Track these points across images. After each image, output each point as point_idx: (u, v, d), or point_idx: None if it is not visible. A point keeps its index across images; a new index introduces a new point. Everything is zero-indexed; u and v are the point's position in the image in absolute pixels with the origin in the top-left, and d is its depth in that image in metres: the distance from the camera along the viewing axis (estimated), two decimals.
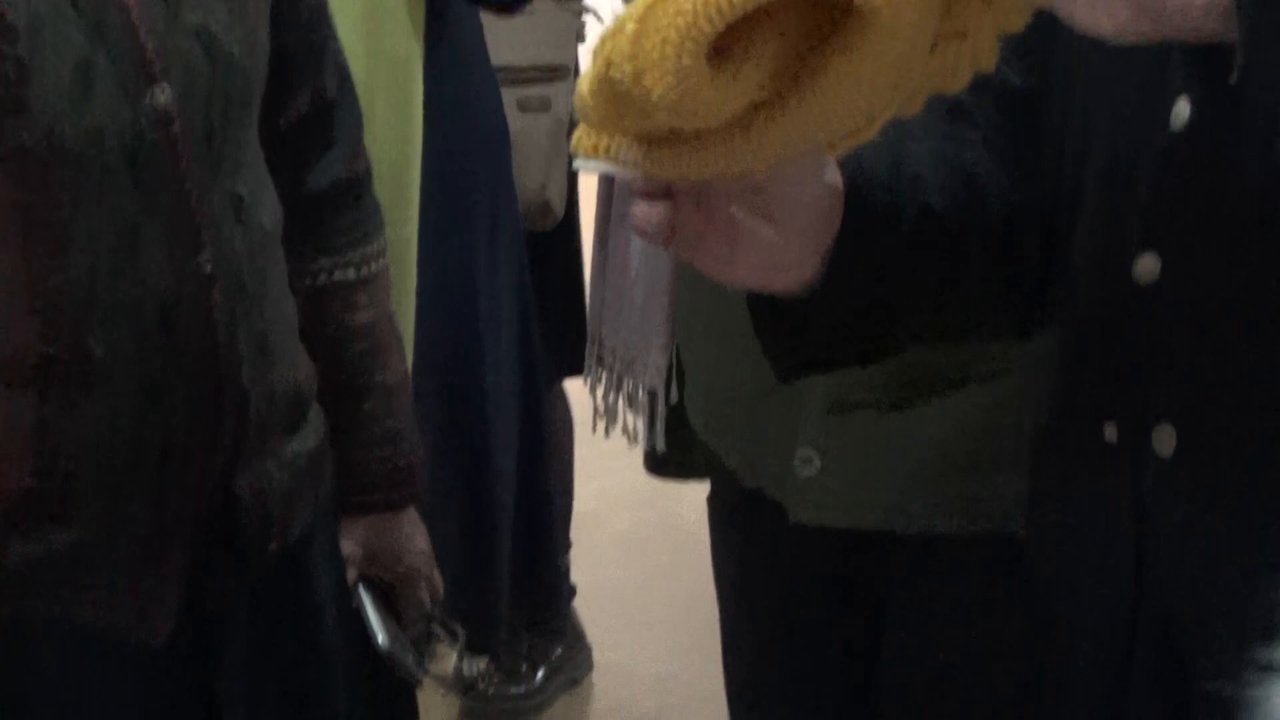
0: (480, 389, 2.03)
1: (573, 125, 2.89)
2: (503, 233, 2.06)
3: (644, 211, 0.84)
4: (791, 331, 0.99)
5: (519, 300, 2.12)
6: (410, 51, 1.84)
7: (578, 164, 0.84)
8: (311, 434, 1.31)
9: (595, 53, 0.77)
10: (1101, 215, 0.94)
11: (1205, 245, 0.88)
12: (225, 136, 1.17)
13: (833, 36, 0.77)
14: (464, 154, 1.98)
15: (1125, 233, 0.92)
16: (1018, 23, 0.80)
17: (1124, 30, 0.75)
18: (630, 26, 0.74)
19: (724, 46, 0.75)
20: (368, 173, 1.40)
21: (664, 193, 0.84)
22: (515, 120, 2.18)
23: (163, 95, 1.12)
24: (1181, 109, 0.87)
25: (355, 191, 1.38)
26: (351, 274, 1.37)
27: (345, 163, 1.37)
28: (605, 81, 0.76)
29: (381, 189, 1.47)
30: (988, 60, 0.81)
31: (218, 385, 1.18)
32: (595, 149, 0.82)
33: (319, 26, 1.34)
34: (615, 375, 2.19)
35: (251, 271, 1.20)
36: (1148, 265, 0.90)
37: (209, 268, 1.16)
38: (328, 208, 1.36)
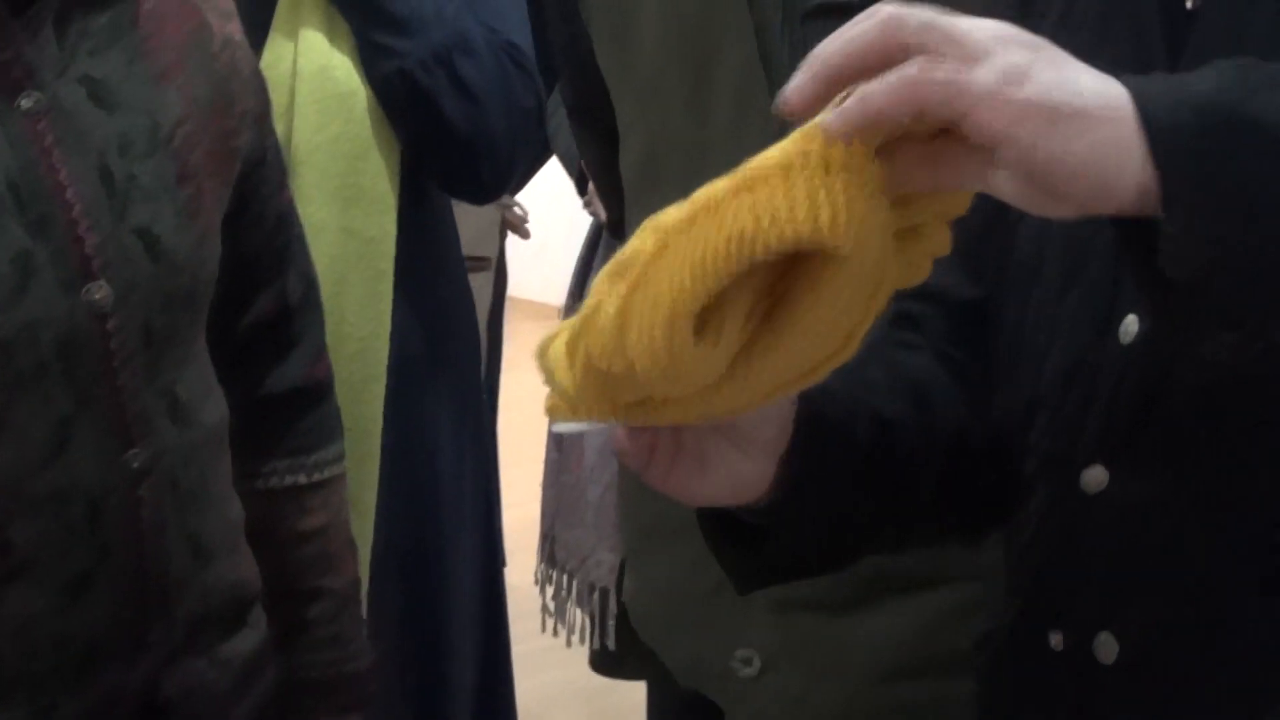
0: (441, 579, 1.99)
1: (493, 311, 2.91)
2: (469, 417, 2.03)
3: (625, 444, 0.88)
4: (749, 546, 0.99)
5: (484, 487, 2.09)
6: (384, 231, 1.84)
7: (557, 428, 0.87)
8: (252, 635, 1.29)
9: (570, 345, 0.78)
10: (1054, 424, 0.96)
11: (1151, 459, 0.89)
12: (165, 336, 1.17)
13: (803, 265, 0.78)
14: (433, 339, 1.95)
15: (1076, 442, 0.93)
16: (961, 205, 0.81)
17: (1059, 209, 0.76)
18: (608, 318, 0.76)
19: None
20: (328, 378, 1.41)
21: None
22: None
23: (99, 292, 1.12)
24: (1130, 323, 0.89)
25: (314, 397, 1.39)
26: (304, 479, 1.36)
27: (305, 368, 1.38)
28: (591, 372, 0.78)
29: (351, 366, 1.45)
30: (943, 245, 0.82)
31: (144, 582, 1.16)
32: (574, 412, 0.84)
33: (284, 232, 1.35)
34: (566, 573, 2.19)
35: (187, 470, 1.19)
36: (1095, 476, 0.91)
37: (137, 464, 1.15)
38: (283, 412, 1.36)
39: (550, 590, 2.21)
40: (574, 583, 2.16)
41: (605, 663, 2.13)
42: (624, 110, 1.45)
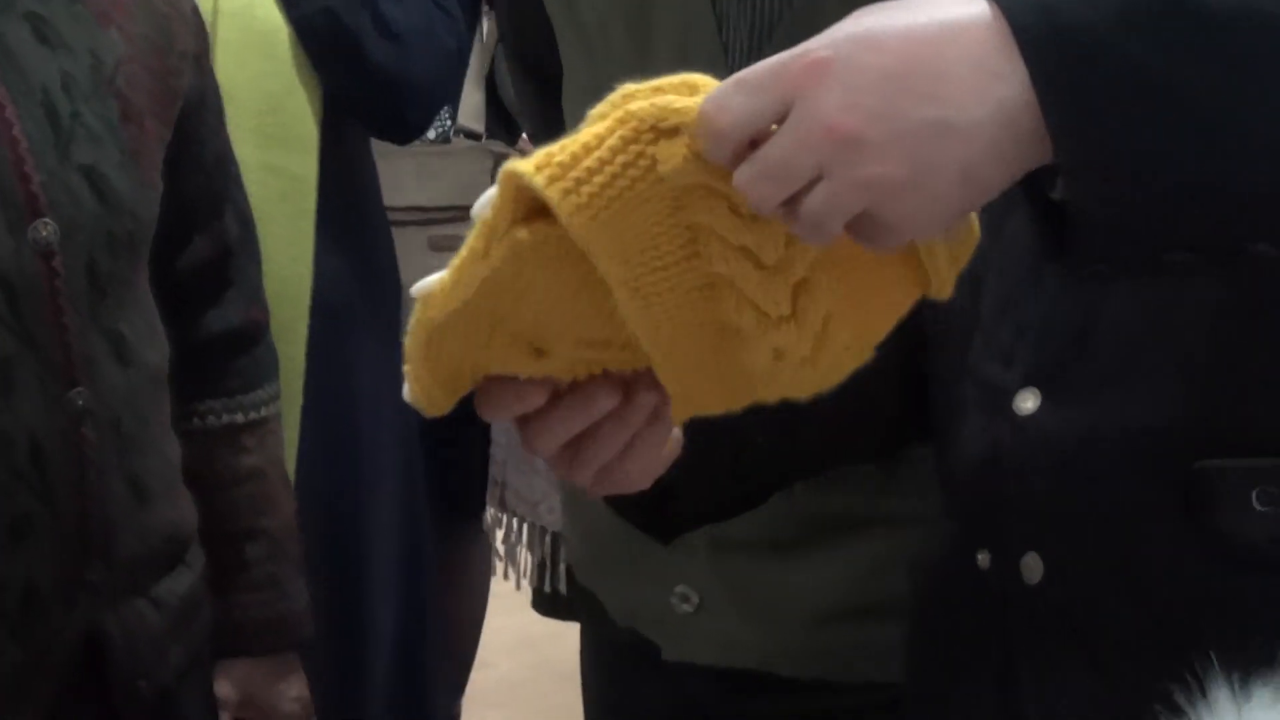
0: (360, 524, 2.00)
1: None
2: (391, 361, 2.02)
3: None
4: (659, 505, 0.99)
5: (405, 432, 2.09)
6: (305, 169, 1.84)
7: None
8: (188, 574, 1.30)
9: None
10: (990, 349, 0.98)
11: (1082, 386, 0.92)
12: (110, 275, 1.18)
13: None
14: (355, 281, 1.97)
15: (1010, 367, 0.96)
16: None
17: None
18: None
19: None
20: (265, 319, 1.42)
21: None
22: (428, 259, 2.20)
23: (45, 229, 1.12)
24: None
25: (250, 338, 1.41)
26: (240, 418, 1.38)
27: (242, 309, 1.39)
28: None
29: (275, 306, 1.46)
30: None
31: (85, 523, 1.17)
32: None
33: (222, 173, 1.36)
34: (518, 517, 2.22)
35: (129, 410, 1.20)
36: (1027, 399, 0.94)
37: (81, 404, 1.16)
38: (221, 352, 1.38)
39: (500, 534, 2.22)
40: (524, 527, 2.18)
41: (547, 604, 2.17)
42: (568, 54, 1.46)
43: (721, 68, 1.21)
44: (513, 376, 0.82)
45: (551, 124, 1.51)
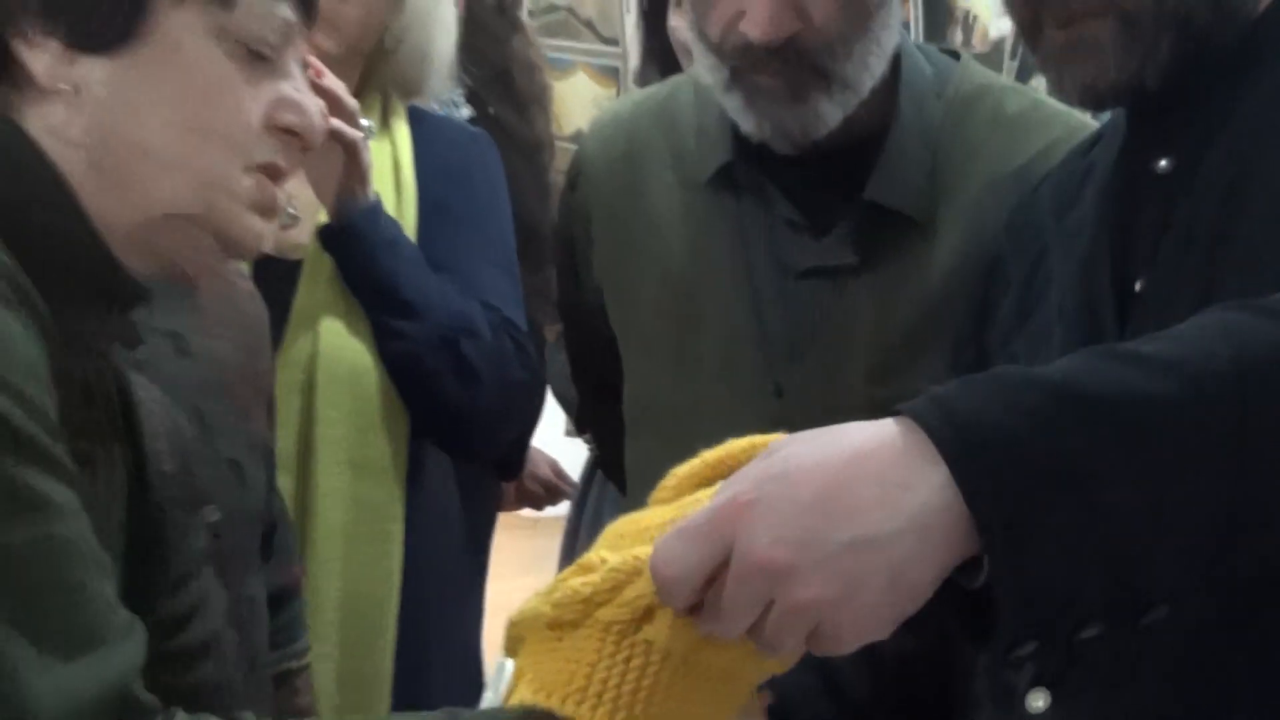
0: None
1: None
2: (466, 668, 2.18)
3: None
4: None
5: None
6: (390, 497, 2.00)
7: None
8: None
9: None
10: None
11: (1089, 684, 1.02)
12: (247, 549, 1.40)
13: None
14: (436, 604, 2.09)
15: (1022, 666, 1.04)
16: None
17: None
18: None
19: None
20: (297, 581, 1.62)
21: None
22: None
23: (214, 515, 1.29)
24: None
25: (290, 595, 1.60)
26: (293, 664, 1.57)
27: (284, 573, 1.58)
28: None
29: (359, 622, 1.58)
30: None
31: None
32: None
33: (271, 458, 1.56)
34: None
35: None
36: (1038, 699, 1.05)
37: None
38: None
39: None
40: None
41: None
42: (627, 359, 1.66)
43: (766, 379, 1.34)
44: None
45: (612, 426, 1.72)
